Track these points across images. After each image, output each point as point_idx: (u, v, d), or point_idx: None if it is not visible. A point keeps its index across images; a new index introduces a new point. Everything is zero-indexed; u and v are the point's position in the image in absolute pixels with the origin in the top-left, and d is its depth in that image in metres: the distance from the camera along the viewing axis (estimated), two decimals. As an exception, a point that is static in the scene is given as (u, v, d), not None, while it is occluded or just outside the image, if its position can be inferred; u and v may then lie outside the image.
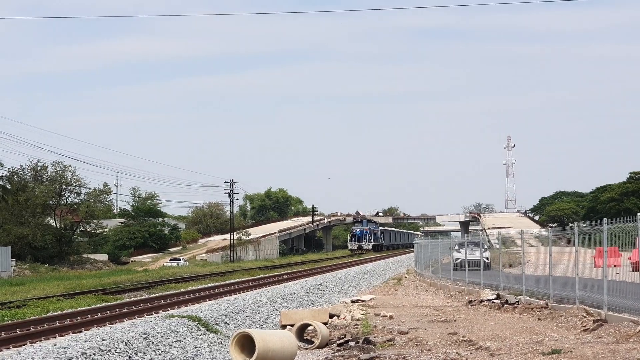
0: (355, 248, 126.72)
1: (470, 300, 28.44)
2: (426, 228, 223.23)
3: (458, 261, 36.61)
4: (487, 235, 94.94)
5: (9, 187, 78.50)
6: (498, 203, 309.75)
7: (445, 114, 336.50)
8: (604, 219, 20.48)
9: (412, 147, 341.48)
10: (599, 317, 19.27)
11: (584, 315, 20.09)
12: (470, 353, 16.05)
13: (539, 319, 21.74)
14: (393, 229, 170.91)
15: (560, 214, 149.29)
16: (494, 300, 26.82)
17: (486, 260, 32.90)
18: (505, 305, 25.47)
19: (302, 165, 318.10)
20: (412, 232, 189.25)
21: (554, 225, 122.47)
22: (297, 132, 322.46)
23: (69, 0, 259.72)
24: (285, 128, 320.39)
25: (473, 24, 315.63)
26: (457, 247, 40.32)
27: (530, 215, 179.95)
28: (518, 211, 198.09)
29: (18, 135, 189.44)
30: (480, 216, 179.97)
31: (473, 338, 18.27)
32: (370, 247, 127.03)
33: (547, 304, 23.44)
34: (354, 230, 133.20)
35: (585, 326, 18.71)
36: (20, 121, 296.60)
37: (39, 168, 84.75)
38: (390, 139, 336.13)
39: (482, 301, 27.35)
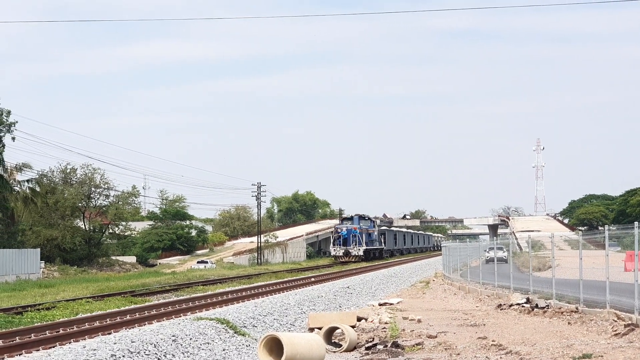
0: (340, 254, 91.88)
1: (500, 304, 28.26)
2: (454, 231, 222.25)
3: (487, 258, 51.74)
4: (517, 238, 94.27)
5: (38, 189, 79.14)
6: (527, 206, 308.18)
7: (475, 116, 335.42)
8: (635, 222, 20.27)
9: (440, 149, 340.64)
10: (630, 322, 19.05)
11: (615, 319, 19.88)
12: (500, 357, 15.93)
13: (569, 323, 21.54)
14: (402, 229, 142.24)
15: (589, 217, 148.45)
16: (524, 304, 26.63)
17: (504, 258, 45.33)
18: (535, 309, 25.27)
19: (330, 167, 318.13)
20: (430, 234, 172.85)
21: (583, 229, 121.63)
22: (324, 134, 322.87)
23: (97, 3, 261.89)
24: (313, 130, 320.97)
25: (502, 25, 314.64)
26: (487, 250, 56.28)
27: (559, 218, 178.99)
28: (547, 214, 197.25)
29: (47, 138, 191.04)
30: (509, 219, 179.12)
31: (503, 342, 18.12)
32: (361, 252, 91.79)
33: (577, 308, 23.22)
34: (339, 230, 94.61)
35: (616, 331, 18.51)
36: (50, 124, 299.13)
37: (68, 171, 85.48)
38: (418, 141, 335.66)
39: (511, 305, 27.16)
